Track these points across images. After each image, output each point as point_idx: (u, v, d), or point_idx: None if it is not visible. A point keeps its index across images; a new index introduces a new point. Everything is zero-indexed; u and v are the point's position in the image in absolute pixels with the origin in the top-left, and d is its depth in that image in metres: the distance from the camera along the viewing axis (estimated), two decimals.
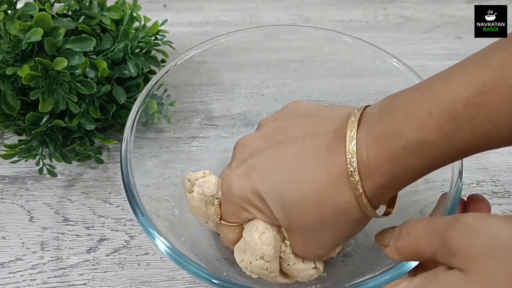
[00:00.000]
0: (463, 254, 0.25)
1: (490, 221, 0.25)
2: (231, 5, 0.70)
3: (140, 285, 0.45)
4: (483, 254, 0.24)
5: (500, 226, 0.25)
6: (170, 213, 0.43)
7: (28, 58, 0.47)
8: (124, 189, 0.39)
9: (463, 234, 0.25)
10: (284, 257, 0.39)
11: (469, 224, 0.26)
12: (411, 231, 0.29)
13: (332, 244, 0.37)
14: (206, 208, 0.41)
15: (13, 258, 0.46)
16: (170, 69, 0.46)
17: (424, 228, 0.29)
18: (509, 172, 0.53)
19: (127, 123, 0.42)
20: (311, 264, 0.40)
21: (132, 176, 0.39)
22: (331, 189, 0.33)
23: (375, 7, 0.71)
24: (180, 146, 0.49)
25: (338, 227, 0.35)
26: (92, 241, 0.48)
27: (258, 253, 0.38)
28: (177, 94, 0.48)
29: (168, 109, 0.48)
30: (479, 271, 0.24)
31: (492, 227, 0.25)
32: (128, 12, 0.54)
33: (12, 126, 0.50)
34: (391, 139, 0.30)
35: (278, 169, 0.35)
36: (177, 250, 0.36)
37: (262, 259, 0.38)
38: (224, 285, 0.34)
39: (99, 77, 0.49)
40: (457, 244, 0.25)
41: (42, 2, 0.51)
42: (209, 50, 0.48)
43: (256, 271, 0.39)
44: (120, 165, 0.40)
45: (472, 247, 0.25)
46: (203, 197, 0.41)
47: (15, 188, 0.51)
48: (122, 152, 0.40)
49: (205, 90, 0.50)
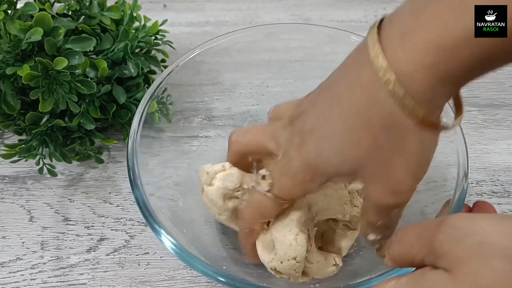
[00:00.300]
0: (450, 255, 0.25)
1: (477, 221, 0.25)
2: (231, 5, 0.70)
3: (140, 285, 0.45)
4: (470, 255, 0.24)
5: (487, 226, 0.24)
6: (173, 211, 0.43)
7: (28, 58, 0.47)
8: (132, 189, 0.39)
9: (450, 236, 0.25)
10: (308, 257, 0.39)
11: (456, 225, 0.25)
12: (402, 238, 0.29)
13: (412, 170, 0.32)
14: (224, 201, 0.40)
15: (13, 258, 0.47)
16: (173, 70, 0.46)
17: (414, 233, 0.28)
18: (509, 172, 0.53)
19: (133, 123, 0.42)
20: (331, 261, 0.39)
21: (138, 172, 0.39)
22: (372, 107, 0.29)
23: (375, 7, 0.71)
24: (180, 145, 0.49)
25: (401, 148, 0.30)
26: (92, 241, 0.48)
27: (291, 254, 0.37)
28: (177, 94, 0.48)
29: (168, 109, 0.48)
30: (466, 271, 0.24)
31: (479, 227, 0.25)
32: (128, 12, 0.54)
33: (12, 126, 0.50)
34: (437, 29, 0.26)
35: (321, 117, 0.32)
36: (183, 247, 0.36)
37: (295, 259, 0.37)
38: (231, 282, 0.34)
39: (99, 77, 0.49)
40: (444, 245, 0.25)
41: (42, 2, 0.51)
42: (209, 50, 0.48)
43: (285, 271, 0.38)
44: (126, 163, 0.40)
45: (459, 248, 0.24)
46: (224, 191, 0.40)
47: (15, 187, 0.51)
48: (128, 151, 0.40)
49: (206, 90, 0.50)
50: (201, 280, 0.45)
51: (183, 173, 0.45)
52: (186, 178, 0.47)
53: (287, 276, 0.38)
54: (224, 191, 0.40)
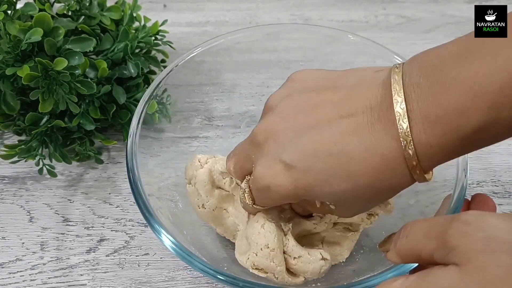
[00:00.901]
0: (459, 249, 0.25)
1: (488, 218, 0.25)
2: (231, 5, 0.70)
3: (140, 285, 0.45)
4: (479, 249, 0.24)
5: (497, 222, 0.25)
6: (172, 211, 0.43)
7: (28, 58, 0.47)
8: (130, 187, 0.39)
9: (461, 230, 0.25)
10: (288, 251, 0.39)
11: (468, 221, 0.25)
12: (410, 232, 0.29)
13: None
14: (212, 186, 0.42)
15: (13, 259, 0.46)
16: (173, 69, 0.46)
17: (422, 228, 0.28)
18: (509, 172, 0.52)
19: (132, 123, 0.42)
20: (317, 255, 0.39)
21: (138, 172, 0.39)
22: (387, 174, 0.31)
23: (375, 7, 0.71)
24: (180, 146, 0.49)
25: (387, 196, 0.35)
26: (92, 242, 0.48)
27: (262, 242, 0.38)
28: (177, 94, 0.48)
29: (168, 109, 0.48)
30: (474, 266, 0.24)
31: (489, 223, 0.25)
32: (128, 12, 0.54)
33: (12, 126, 0.50)
34: (456, 119, 0.28)
35: (320, 160, 0.32)
36: (183, 246, 0.36)
37: (267, 247, 0.37)
38: (231, 281, 0.35)
39: (99, 77, 0.49)
40: (454, 240, 0.25)
41: (42, 2, 0.51)
42: (209, 50, 0.48)
43: (265, 264, 0.38)
44: (126, 163, 0.40)
45: (468, 242, 0.25)
46: (214, 174, 0.41)
47: (15, 188, 0.51)
48: (127, 152, 0.40)
49: (206, 90, 0.50)
50: (201, 281, 0.45)
51: (183, 174, 0.45)
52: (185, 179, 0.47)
53: (270, 272, 0.38)
54: (214, 174, 0.41)
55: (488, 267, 0.24)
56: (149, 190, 0.40)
